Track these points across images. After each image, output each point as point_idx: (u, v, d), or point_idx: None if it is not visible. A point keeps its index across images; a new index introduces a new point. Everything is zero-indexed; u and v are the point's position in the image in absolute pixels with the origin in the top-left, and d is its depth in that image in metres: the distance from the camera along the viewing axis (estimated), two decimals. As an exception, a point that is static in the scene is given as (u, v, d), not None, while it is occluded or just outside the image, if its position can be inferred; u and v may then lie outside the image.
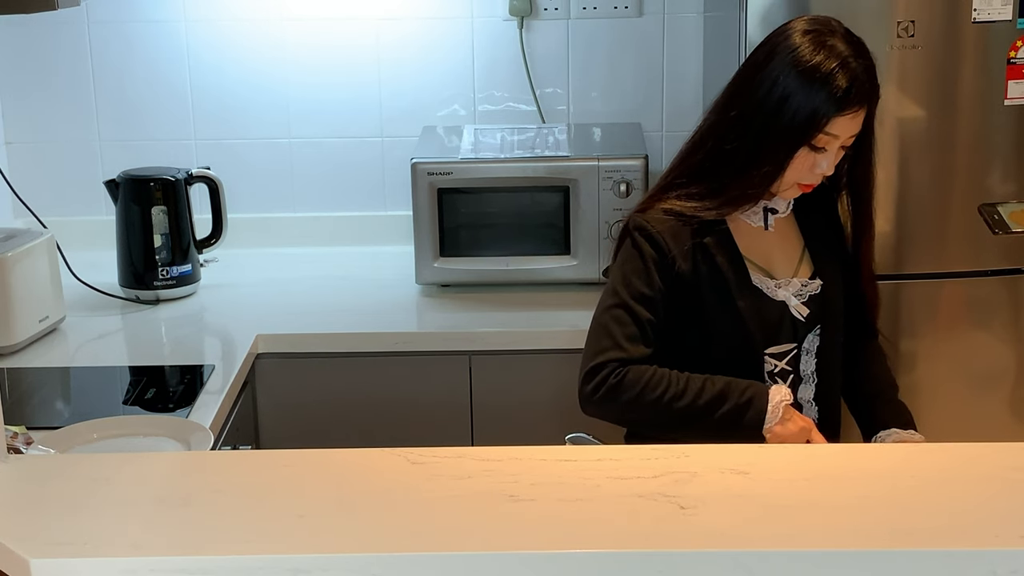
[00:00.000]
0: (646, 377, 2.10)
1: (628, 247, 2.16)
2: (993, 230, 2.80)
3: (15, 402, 2.46)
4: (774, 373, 2.19)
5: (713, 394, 2.10)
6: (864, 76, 2.05)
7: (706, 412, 2.10)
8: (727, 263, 2.15)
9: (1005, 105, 2.76)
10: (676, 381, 2.10)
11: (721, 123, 2.14)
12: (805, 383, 2.23)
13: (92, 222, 3.34)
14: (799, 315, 2.17)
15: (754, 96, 2.09)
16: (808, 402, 2.24)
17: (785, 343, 2.19)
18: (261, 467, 1.73)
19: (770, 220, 2.20)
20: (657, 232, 2.13)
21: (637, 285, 2.13)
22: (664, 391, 2.09)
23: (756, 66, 2.10)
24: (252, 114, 3.40)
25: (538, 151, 3.06)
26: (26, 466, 1.76)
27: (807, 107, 2.04)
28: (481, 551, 1.46)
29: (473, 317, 2.89)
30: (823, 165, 2.10)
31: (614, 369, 2.10)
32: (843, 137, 2.08)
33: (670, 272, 2.13)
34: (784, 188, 2.14)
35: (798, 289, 2.19)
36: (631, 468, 1.65)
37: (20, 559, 1.45)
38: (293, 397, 2.80)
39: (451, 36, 3.36)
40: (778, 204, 2.20)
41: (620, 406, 2.12)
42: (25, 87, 3.38)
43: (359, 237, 3.42)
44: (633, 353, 2.11)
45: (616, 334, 2.11)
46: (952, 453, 1.80)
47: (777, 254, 2.22)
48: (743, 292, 2.15)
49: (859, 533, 1.48)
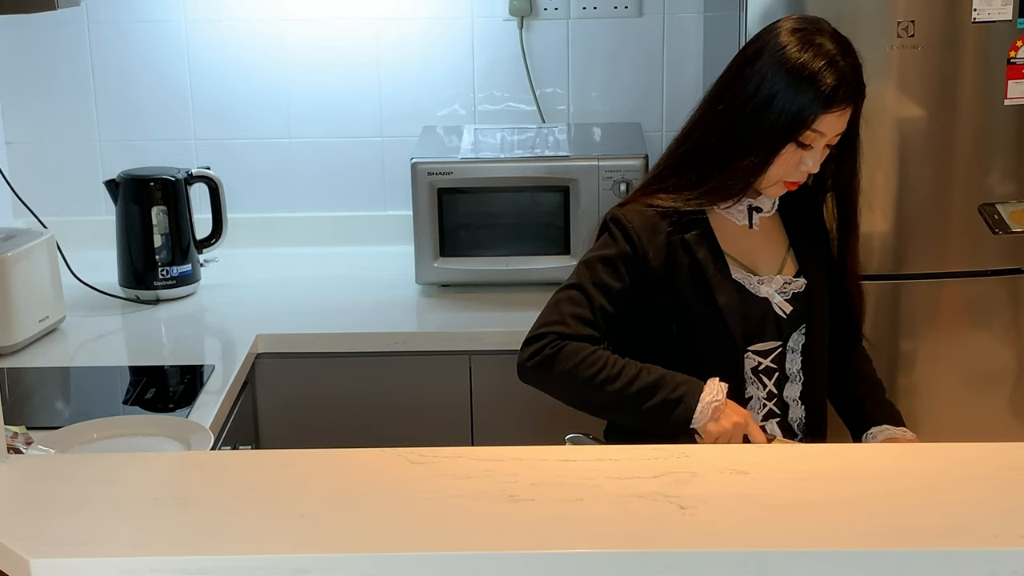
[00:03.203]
0: (583, 354, 2.09)
1: (603, 239, 2.17)
2: (993, 230, 2.80)
3: (15, 402, 2.46)
4: (758, 370, 2.19)
5: (645, 384, 2.08)
6: (851, 75, 2.05)
7: (636, 401, 2.07)
8: (707, 258, 2.14)
9: (1005, 105, 2.76)
10: (612, 364, 2.09)
11: (708, 117, 2.15)
12: (791, 381, 2.22)
13: (92, 222, 3.34)
14: (782, 312, 2.17)
15: (741, 92, 2.09)
16: (794, 400, 2.23)
17: (769, 340, 2.19)
18: (261, 467, 1.73)
19: (755, 218, 2.20)
20: (632, 226, 2.13)
21: (601, 273, 2.13)
22: (598, 371, 2.08)
23: (744, 62, 2.11)
24: (252, 114, 3.41)
25: (538, 151, 3.06)
26: (26, 466, 1.76)
27: (794, 104, 2.04)
28: (481, 551, 1.46)
29: (473, 317, 2.89)
30: (808, 163, 2.10)
31: (552, 340, 2.10)
32: (829, 135, 2.08)
33: (641, 268, 2.13)
34: (768, 184, 2.14)
35: (781, 286, 2.19)
36: (631, 468, 1.65)
37: (20, 559, 1.45)
38: (293, 397, 2.80)
39: (451, 36, 3.36)
40: (763, 203, 2.20)
41: (554, 377, 2.11)
42: (25, 87, 3.39)
43: (359, 237, 3.42)
44: (576, 331, 2.10)
45: (565, 311, 2.12)
46: (952, 453, 1.80)
47: (761, 252, 2.21)
48: (724, 287, 2.14)
49: (859, 533, 1.48)
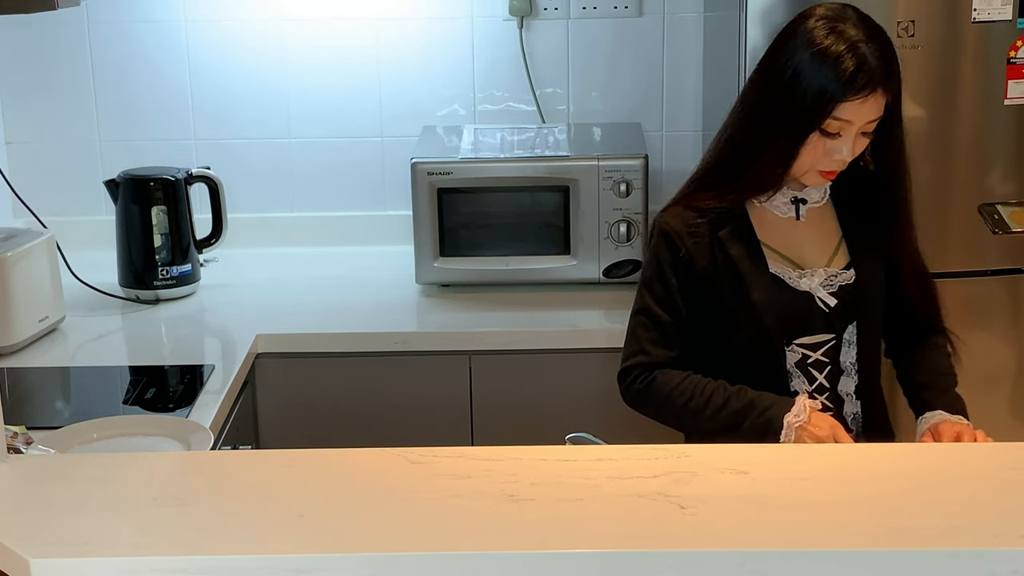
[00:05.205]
0: (671, 386, 2.18)
1: (650, 249, 2.23)
2: (993, 230, 2.80)
3: (15, 402, 2.46)
4: (808, 364, 2.18)
5: (734, 410, 2.14)
6: (875, 60, 2.03)
7: (728, 427, 2.14)
8: (743, 254, 2.15)
9: (1005, 105, 2.76)
10: (701, 392, 2.16)
11: (740, 111, 2.16)
12: (846, 375, 2.21)
13: (92, 222, 3.34)
14: (824, 305, 2.16)
15: (769, 82, 2.11)
16: (848, 395, 2.21)
17: (818, 334, 2.18)
18: (261, 467, 1.73)
19: (802, 210, 2.19)
20: (672, 231, 2.17)
21: (656, 288, 2.19)
22: (687, 401, 2.17)
23: (773, 52, 2.12)
24: (252, 114, 3.40)
25: (538, 151, 3.06)
26: (26, 466, 1.76)
27: (814, 90, 2.03)
28: (481, 551, 1.46)
29: (473, 317, 2.89)
30: (842, 151, 2.07)
31: (639, 375, 2.20)
32: (857, 123, 2.05)
33: (687, 270, 2.16)
34: (801, 173, 2.13)
35: (825, 279, 2.17)
36: (631, 468, 1.65)
37: (20, 559, 1.45)
38: (293, 397, 2.80)
39: (451, 36, 3.36)
40: (810, 194, 2.19)
41: (652, 409, 2.23)
42: (25, 87, 3.38)
43: (359, 237, 3.42)
44: (656, 357, 2.19)
45: (641, 339, 2.21)
46: (952, 453, 1.80)
47: (809, 244, 2.20)
48: (759, 282, 2.15)
49: (859, 533, 1.48)
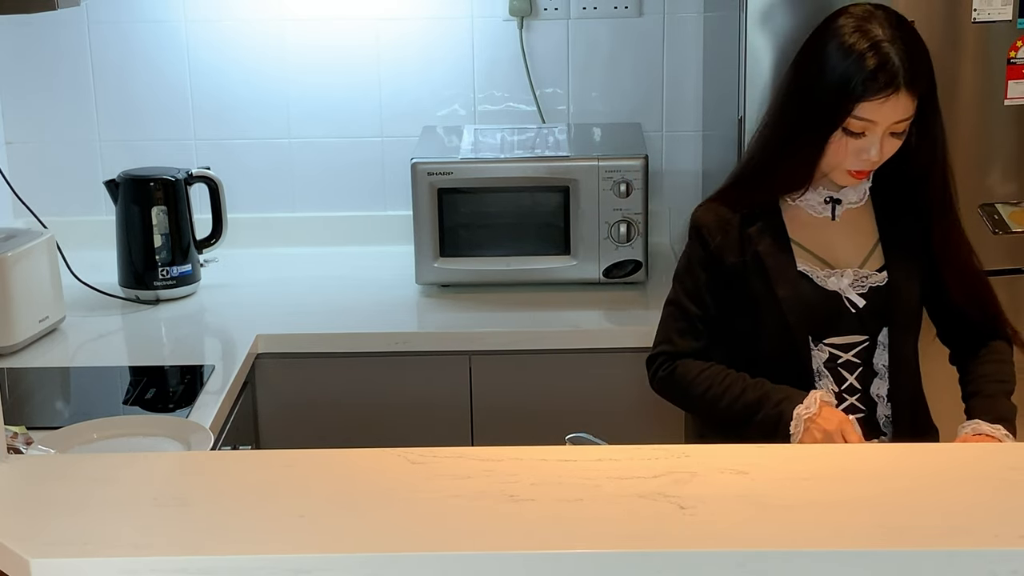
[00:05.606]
0: (692, 375, 2.22)
1: (685, 245, 2.26)
2: (993, 230, 2.80)
3: (15, 402, 2.46)
4: (839, 364, 2.18)
5: (749, 401, 2.16)
6: (898, 60, 2.02)
7: (744, 418, 2.16)
8: (772, 250, 2.16)
9: (1005, 105, 2.76)
10: (720, 382, 2.19)
11: (770, 111, 2.19)
12: (879, 377, 2.19)
13: (92, 222, 3.34)
14: (851, 306, 2.15)
15: (797, 78, 2.12)
16: (880, 397, 2.20)
17: (848, 335, 2.17)
18: (261, 467, 1.73)
19: (837, 211, 2.19)
20: (704, 226, 2.20)
21: (686, 281, 2.24)
22: (706, 390, 2.20)
23: (804, 48, 2.14)
24: (252, 114, 3.40)
25: (538, 151, 3.06)
26: (26, 466, 1.76)
27: (834, 88, 2.04)
28: (481, 551, 1.46)
29: (473, 317, 2.89)
30: (871, 151, 2.06)
31: (663, 363, 2.25)
32: (882, 123, 2.04)
33: (717, 265, 2.19)
34: (829, 172, 2.13)
35: (854, 280, 2.16)
36: (631, 468, 1.65)
37: (20, 559, 1.45)
38: (293, 397, 2.80)
39: (451, 36, 3.36)
40: (846, 195, 2.18)
41: (674, 396, 2.29)
42: (25, 87, 3.38)
43: (359, 237, 3.42)
44: (681, 347, 2.24)
45: (670, 329, 2.26)
46: (952, 453, 1.80)
47: (843, 245, 2.19)
48: (786, 279, 2.15)
49: (859, 533, 1.48)
